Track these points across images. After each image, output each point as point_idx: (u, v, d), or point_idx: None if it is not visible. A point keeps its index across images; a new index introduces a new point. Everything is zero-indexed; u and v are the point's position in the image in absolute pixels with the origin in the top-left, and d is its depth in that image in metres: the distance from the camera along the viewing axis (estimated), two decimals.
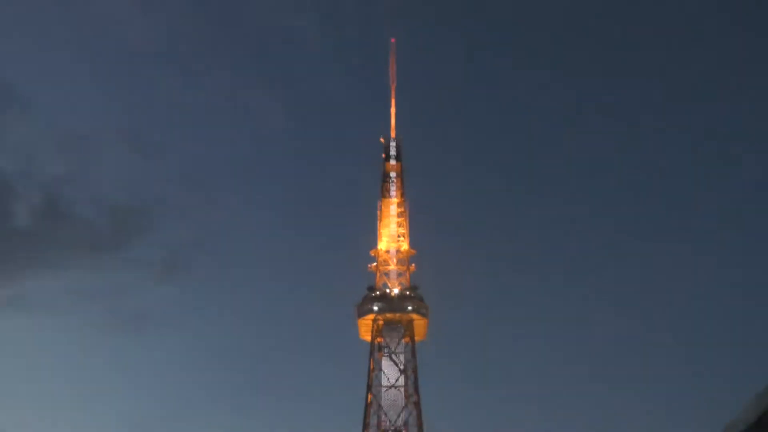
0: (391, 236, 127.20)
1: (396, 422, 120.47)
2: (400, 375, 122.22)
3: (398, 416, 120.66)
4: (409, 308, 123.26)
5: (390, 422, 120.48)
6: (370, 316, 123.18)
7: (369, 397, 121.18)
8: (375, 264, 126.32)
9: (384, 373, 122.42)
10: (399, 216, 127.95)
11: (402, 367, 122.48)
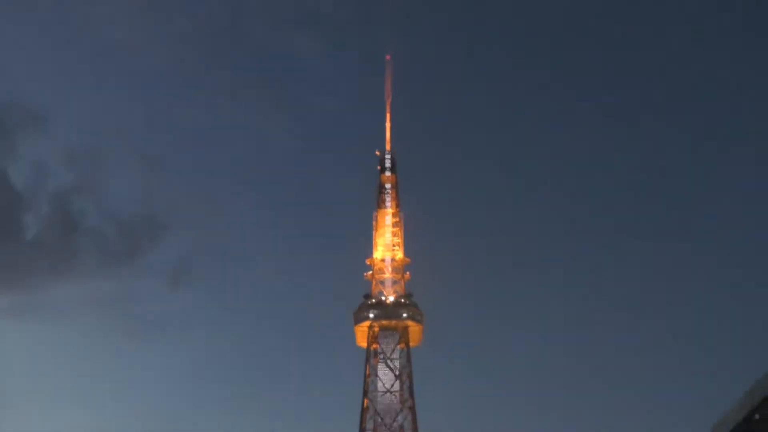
0: (387, 245, 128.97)
1: (392, 427, 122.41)
2: (396, 380, 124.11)
3: (394, 421, 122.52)
4: (404, 315, 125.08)
5: (386, 427, 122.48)
6: (366, 323, 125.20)
7: (365, 402, 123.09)
8: (371, 272, 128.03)
9: (380, 379, 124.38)
10: (394, 226, 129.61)
11: (397, 373, 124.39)
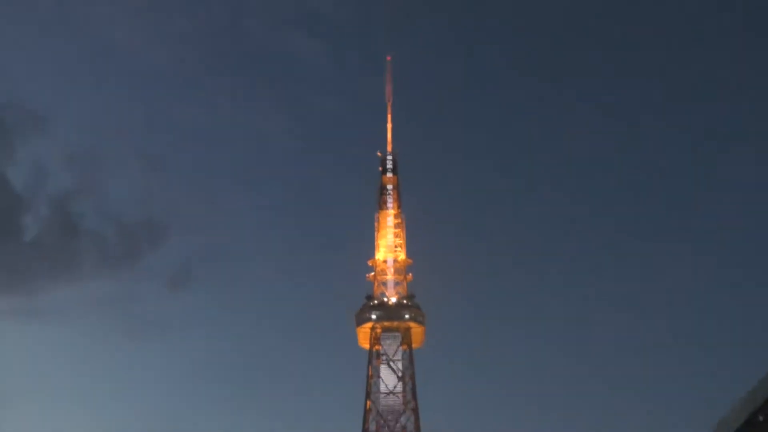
0: (389, 246, 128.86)
1: (394, 429, 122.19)
2: (398, 382, 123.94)
3: (396, 422, 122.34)
4: (407, 316, 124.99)
5: (389, 429, 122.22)
6: (369, 325, 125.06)
7: (368, 404, 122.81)
8: (373, 273, 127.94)
9: (382, 380, 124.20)
10: (396, 227, 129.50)
11: (400, 374, 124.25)
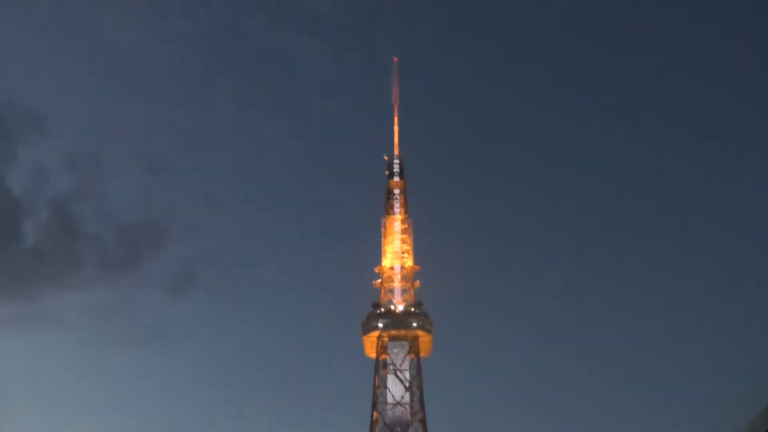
0: (396, 253, 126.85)
1: None
2: (406, 392, 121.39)
3: None
4: (414, 324, 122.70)
5: None
6: (375, 333, 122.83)
7: (374, 415, 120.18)
8: (379, 281, 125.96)
9: (389, 390, 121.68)
10: (403, 233, 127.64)
11: (407, 384, 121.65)
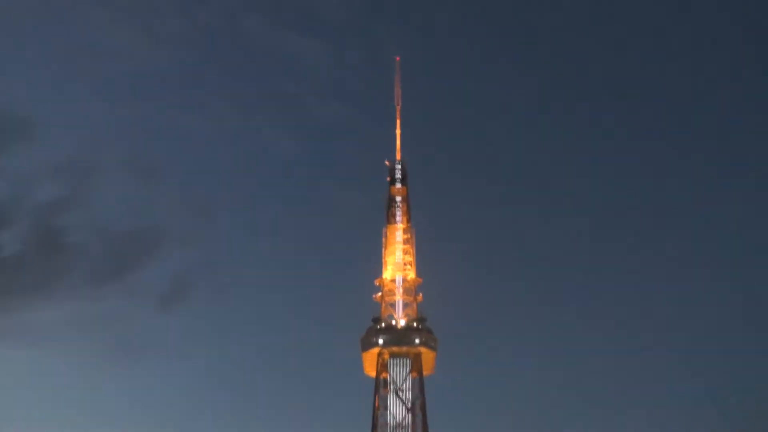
0: (397, 264, 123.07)
1: None
2: (407, 413, 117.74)
3: None
4: (417, 341, 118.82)
5: None
6: (375, 350, 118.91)
7: None
8: (380, 294, 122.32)
9: (390, 411, 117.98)
10: (405, 243, 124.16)
11: (409, 405, 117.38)
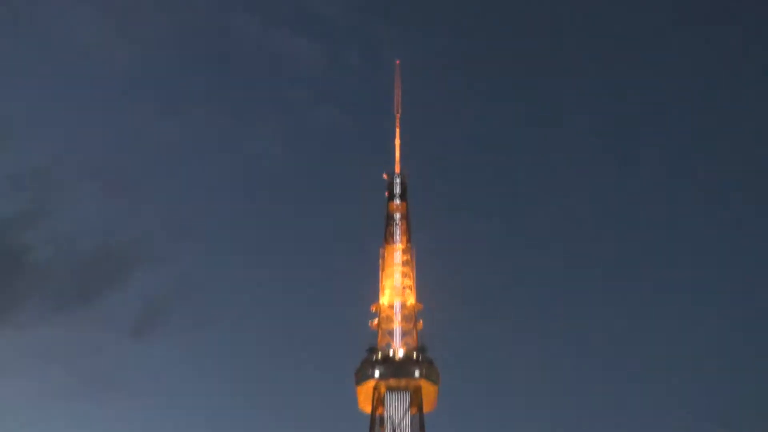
0: (396, 288, 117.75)
1: None
2: None
3: None
4: (417, 373, 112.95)
5: None
6: (371, 383, 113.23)
7: None
8: (376, 321, 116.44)
9: None
10: (404, 265, 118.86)
11: None
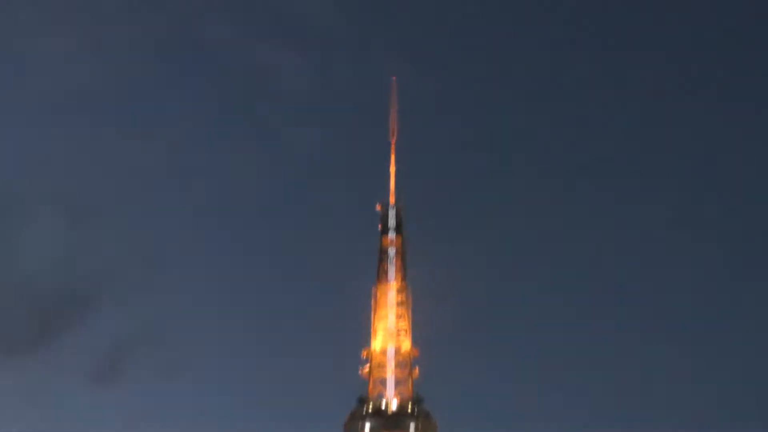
0: (389, 332, 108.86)
1: None
2: None
3: None
4: (412, 427, 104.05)
5: None
6: None
7: None
8: (367, 368, 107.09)
9: None
10: (399, 305, 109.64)
11: None
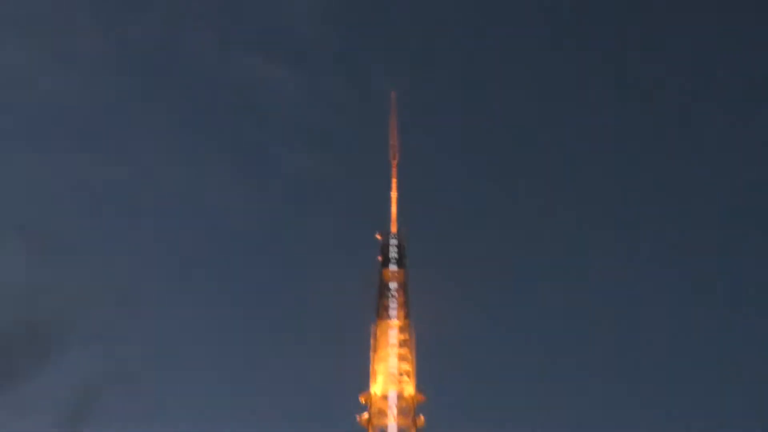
0: (390, 375, 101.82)
1: None
2: None
3: None
4: None
5: None
6: None
7: None
8: (366, 415, 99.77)
9: None
10: (402, 345, 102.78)
11: None
